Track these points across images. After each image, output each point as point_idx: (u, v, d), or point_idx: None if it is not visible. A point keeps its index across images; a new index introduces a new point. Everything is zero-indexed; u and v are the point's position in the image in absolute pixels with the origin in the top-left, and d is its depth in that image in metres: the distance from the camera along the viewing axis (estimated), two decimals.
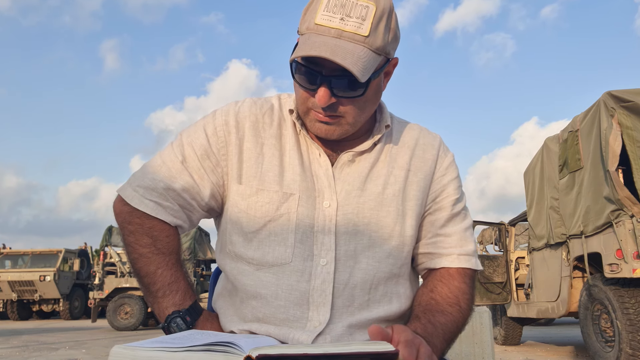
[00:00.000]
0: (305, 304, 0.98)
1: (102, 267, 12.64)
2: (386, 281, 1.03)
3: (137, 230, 1.05)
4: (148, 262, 1.05)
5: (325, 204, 1.02)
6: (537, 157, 6.73)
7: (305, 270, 0.99)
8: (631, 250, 4.41)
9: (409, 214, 1.06)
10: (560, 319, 8.18)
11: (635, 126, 4.60)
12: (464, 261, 1.09)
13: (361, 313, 1.00)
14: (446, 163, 1.12)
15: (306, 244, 1.00)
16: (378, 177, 1.06)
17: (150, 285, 1.04)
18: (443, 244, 1.10)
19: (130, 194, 1.06)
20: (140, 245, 1.05)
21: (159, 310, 1.04)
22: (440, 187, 1.11)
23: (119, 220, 1.09)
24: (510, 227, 8.02)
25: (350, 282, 1.00)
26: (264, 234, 1.01)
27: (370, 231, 1.02)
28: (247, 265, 1.02)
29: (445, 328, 0.98)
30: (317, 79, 0.94)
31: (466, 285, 1.07)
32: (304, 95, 0.99)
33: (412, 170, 1.09)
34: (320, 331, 0.96)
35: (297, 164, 1.04)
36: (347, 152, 1.05)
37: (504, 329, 7.70)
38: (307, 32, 0.95)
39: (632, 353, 4.53)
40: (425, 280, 1.10)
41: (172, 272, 1.05)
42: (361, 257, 1.01)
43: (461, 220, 1.12)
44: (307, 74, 0.95)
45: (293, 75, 0.98)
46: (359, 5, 0.92)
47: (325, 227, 1.00)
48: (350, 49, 0.91)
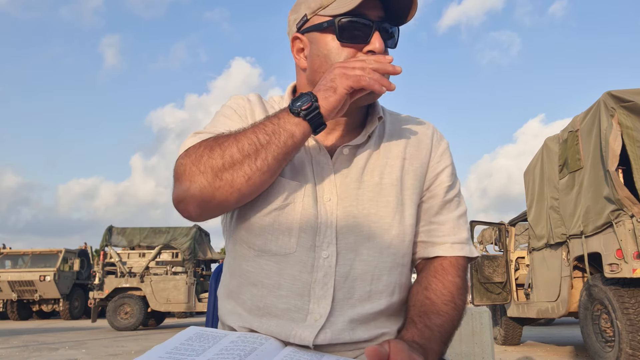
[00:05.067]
0: (307, 296, 0.98)
1: (102, 267, 12.62)
2: (389, 272, 1.03)
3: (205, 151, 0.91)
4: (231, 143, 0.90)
5: (326, 197, 1.02)
6: (537, 157, 6.73)
7: (308, 261, 0.99)
8: (631, 250, 4.42)
9: (408, 203, 1.06)
10: (560, 319, 8.18)
11: (635, 126, 4.60)
12: (458, 249, 1.08)
13: (363, 305, 1.00)
14: (440, 150, 1.13)
15: (309, 235, 1.00)
16: (375, 168, 1.06)
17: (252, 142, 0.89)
18: (436, 232, 1.09)
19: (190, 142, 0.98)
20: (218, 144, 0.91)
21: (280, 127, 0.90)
22: (434, 175, 1.11)
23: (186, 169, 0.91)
24: (510, 227, 8.02)
25: (351, 274, 1.00)
26: (268, 221, 1.01)
27: (370, 222, 1.02)
28: (247, 250, 1.02)
29: (442, 330, 0.98)
30: (370, 27, 1.00)
31: (460, 279, 1.06)
32: (351, 52, 1.01)
33: (408, 159, 1.09)
34: (322, 326, 0.96)
35: (299, 156, 1.05)
36: (345, 147, 1.06)
37: (504, 329, 7.70)
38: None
39: (632, 353, 4.52)
40: (419, 276, 1.10)
41: (258, 121, 0.95)
42: (362, 248, 1.01)
43: (455, 207, 1.12)
44: (358, 26, 0.99)
45: (339, 37, 1.00)
46: None
47: (327, 220, 1.01)
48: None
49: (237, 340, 0.93)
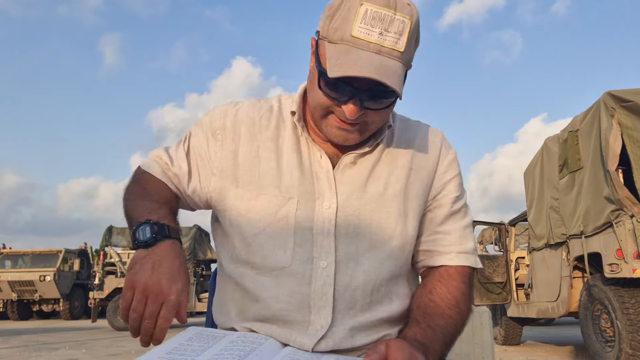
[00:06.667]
0: (307, 307, 0.97)
1: (102, 267, 12.63)
2: (389, 282, 1.03)
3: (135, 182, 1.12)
4: (133, 198, 1.08)
5: (325, 205, 1.01)
6: (537, 157, 6.73)
7: (305, 273, 0.98)
8: (631, 250, 4.42)
9: (411, 214, 1.05)
10: (560, 319, 8.17)
11: (635, 126, 4.60)
12: (463, 259, 1.08)
13: (363, 315, 1.00)
14: (448, 160, 1.11)
15: (305, 247, 0.99)
16: (379, 178, 1.05)
17: (133, 212, 1.03)
18: (442, 242, 1.09)
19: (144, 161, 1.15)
20: (132, 192, 1.10)
21: (134, 221, 0.99)
22: (441, 185, 1.10)
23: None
24: (510, 227, 8.02)
25: (351, 284, 0.99)
26: (263, 238, 1.00)
27: (371, 233, 1.01)
28: (249, 270, 1.02)
29: (444, 331, 0.97)
30: (348, 92, 0.92)
31: (465, 285, 1.06)
32: (327, 102, 0.96)
33: (414, 169, 1.08)
34: (322, 335, 0.96)
35: (296, 166, 1.03)
36: (349, 154, 1.04)
37: (504, 329, 7.70)
38: (342, 44, 0.91)
39: (632, 353, 4.53)
40: (424, 280, 1.09)
41: (156, 204, 1.03)
42: (362, 259, 1.00)
43: (461, 218, 1.11)
44: (337, 86, 0.93)
45: (319, 84, 0.95)
46: (397, 20, 0.90)
47: (325, 229, 1.00)
48: (390, 66, 0.89)
49: (237, 340, 0.93)
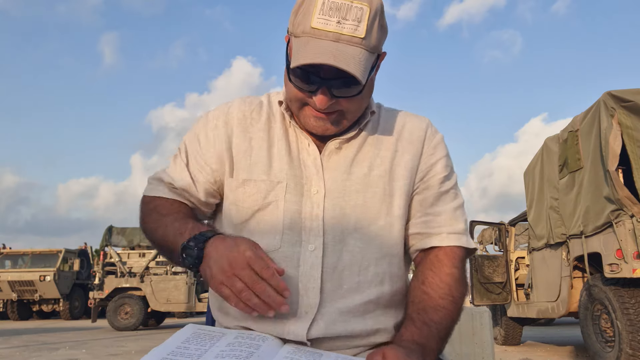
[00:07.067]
0: (295, 290, 0.99)
1: (102, 267, 12.62)
2: (377, 262, 1.04)
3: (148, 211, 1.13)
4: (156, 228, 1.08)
5: (313, 190, 1.04)
6: (537, 157, 6.74)
7: (294, 256, 1.00)
8: (631, 250, 4.42)
9: (397, 194, 1.07)
10: (560, 319, 8.18)
11: (635, 126, 4.60)
12: (454, 239, 1.08)
13: (352, 296, 1.01)
14: (434, 142, 1.13)
15: (294, 230, 1.02)
16: (364, 160, 1.07)
17: (164, 244, 1.06)
18: (432, 224, 1.09)
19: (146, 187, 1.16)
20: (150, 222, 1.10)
21: (174, 254, 1.03)
22: (428, 166, 1.11)
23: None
24: (510, 227, 8.02)
25: (338, 265, 1.01)
26: (253, 224, 1.04)
27: (356, 213, 1.04)
28: None
29: (440, 326, 0.98)
30: (316, 81, 0.96)
31: (457, 269, 1.05)
32: (299, 94, 1.00)
33: (400, 151, 1.10)
34: (313, 318, 0.97)
35: (285, 154, 1.06)
36: (334, 140, 1.07)
37: (504, 329, 7.71)
38: (304, 36, 0.95)
39: (632, 353, 4.53)
40: (417, 270, 1.10)
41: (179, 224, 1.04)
42: (349, 239, 1.03)
43: (451, 199, 1.12)
44: (304, 77, 0.96)
45: (289, 76, 0.99)
46: (354, 7, 0.93)
47: (313, 213, 1.02)
48: (350, 52, 0.93)
49: (235, 342, 0.93)
